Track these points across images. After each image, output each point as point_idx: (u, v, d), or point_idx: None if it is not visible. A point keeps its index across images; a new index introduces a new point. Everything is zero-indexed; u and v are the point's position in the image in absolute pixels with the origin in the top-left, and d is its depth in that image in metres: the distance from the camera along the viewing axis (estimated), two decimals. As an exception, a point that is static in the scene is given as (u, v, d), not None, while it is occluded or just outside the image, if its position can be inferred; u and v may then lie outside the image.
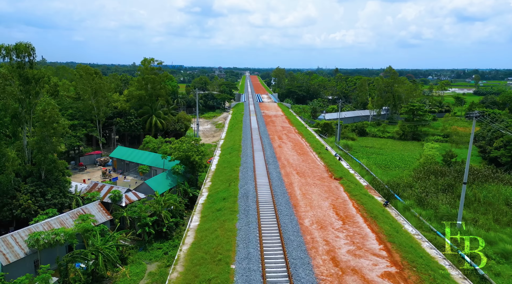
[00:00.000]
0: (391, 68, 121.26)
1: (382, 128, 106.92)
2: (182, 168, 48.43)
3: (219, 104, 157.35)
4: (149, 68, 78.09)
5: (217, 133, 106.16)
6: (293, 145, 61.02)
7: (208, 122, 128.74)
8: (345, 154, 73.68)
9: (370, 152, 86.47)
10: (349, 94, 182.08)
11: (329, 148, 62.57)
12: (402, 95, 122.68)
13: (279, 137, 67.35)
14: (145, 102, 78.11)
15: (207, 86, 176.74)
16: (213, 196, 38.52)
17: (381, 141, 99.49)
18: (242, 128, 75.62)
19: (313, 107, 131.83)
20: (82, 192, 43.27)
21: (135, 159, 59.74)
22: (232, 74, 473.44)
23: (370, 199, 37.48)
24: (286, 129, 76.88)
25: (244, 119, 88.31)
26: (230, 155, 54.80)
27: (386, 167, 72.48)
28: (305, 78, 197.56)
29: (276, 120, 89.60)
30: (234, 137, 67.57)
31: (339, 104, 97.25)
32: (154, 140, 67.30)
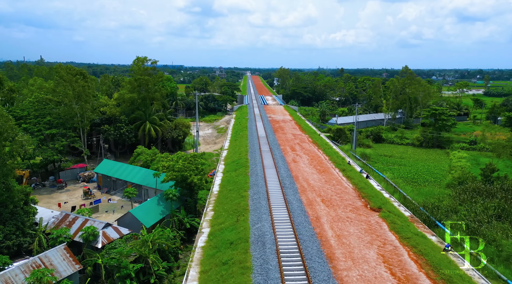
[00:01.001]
0: (407, 68, 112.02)
1: (400, 134, 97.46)
2: (177, 193, 39.07)
3: (220, 106, 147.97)
4: (142, 69, 68.79)
5: (219, 140, 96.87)
6: (310, 158, 51.67)
7: (209, 126, 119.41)
8: (364, 165, 64.36)
9: (390, 162, 77.12)
10: (358, 96, 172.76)
11: (352, 161, 53.21)
12: (419, 97, 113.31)
13: (292, 148, 58.01)
14: (137, 107, 68.84)
15: (208, 87, 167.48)
16: (217, 236, 29.21)
17: (400, 149, 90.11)
18: (248, 137, 66.30)
19: (322, 110, 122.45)
20: (49, 225, 34.00)
21: (122, 175, 50.42)
22: (233, 74, 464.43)
23: (425, 241, 28.19)
24: (298, 137, 67.50)
25: (249, 125, 78.96)
26: (235, 172, 45.47)
27: (414, 182, 63.13)
28: (310, 79, 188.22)
29: (285, 126, 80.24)
30: (240, 148, 58.25)
31: (356, 108, 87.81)
32: (147, 152, 58.05)
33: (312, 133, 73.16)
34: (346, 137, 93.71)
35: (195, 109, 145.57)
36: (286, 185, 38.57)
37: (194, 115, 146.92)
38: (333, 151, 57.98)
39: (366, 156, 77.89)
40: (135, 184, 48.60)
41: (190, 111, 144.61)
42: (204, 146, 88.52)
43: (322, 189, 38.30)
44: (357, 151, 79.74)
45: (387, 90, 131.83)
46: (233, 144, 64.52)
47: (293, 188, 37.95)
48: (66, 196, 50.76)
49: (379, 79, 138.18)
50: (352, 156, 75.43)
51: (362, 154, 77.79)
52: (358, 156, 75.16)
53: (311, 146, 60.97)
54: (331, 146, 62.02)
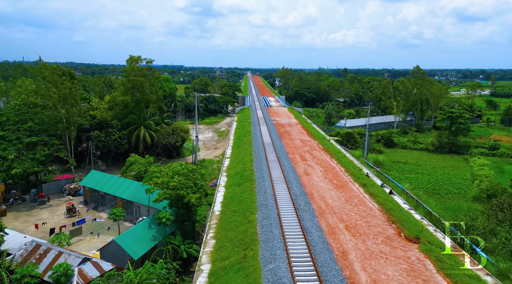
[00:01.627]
0: (419, 67, 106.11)
1: (413, 138, 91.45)
2: (171, 216, 33.05)
3: (221, 108, 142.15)
4: (136, 69, 62.83)
5: (220, 144, 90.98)
6: (323, 170, 45.69)
7: (209, 129, 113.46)
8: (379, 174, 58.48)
9: (406, 170, 71.19)
10: (363, 97, 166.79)
11: (370, 173, 47.24)
12: (430, 99, 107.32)
13: (302, 157, 52.03)
14: (131, 111, 62.88)
15: (208, 88, 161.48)
16: (220, 278, 23.28)
17: (413, 154, 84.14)
18: (252, 143, 60.36)
19: (328, 112, 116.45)
20: (16, 258, 28.08)
21: (111, 190, 44.45)
22: (233, 75, 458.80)
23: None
24: (307, 144, 61.54)
25: (253, 129, 73.01)
26: (240, 187, 39.52)
27: (436, 193, 57.22)
28: (313, 79, 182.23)
29: (291, 130, 74.27)
30: (244, 157, 52.29)
31: (363, 110, 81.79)
32: (141, 161, 52.11)
33: (321, 139, 67.17)
34: (356, 142, 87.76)
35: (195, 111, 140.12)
36: (300, 206, 32.62)
37: (194, 117, 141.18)
38: (347, 160, 51.99)
39: (380, 163, 71.97)
40: (125, 200, 42.67)
41: (190, 113, 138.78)
42: (204, 152, 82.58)
43: (343, 211, 32.33)
44: (369, 157, 73.81)
45: (395, 91, 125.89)
46: (236, 151, 58.55)
47: (309, 210, 32.00)
48: (48, 213, 44.81)
49: (388, 80, 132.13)
50: (365, 163, 69.60)
51: (375, 161, 71.86)
52: (371, 163, 69.28)
53: (323, 154, 54.99)
54: (345, 154, 56.02)
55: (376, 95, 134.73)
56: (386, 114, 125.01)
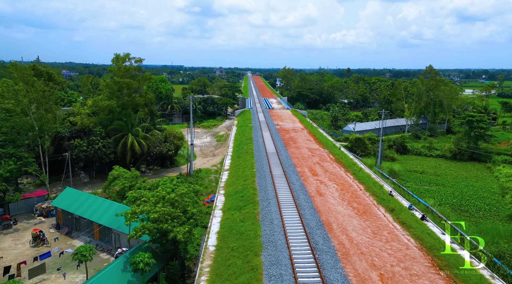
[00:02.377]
0: (432, 67, 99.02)
1: (428, 144, 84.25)
2: (150, 259, 25.62)
3: (220, 110, 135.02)
4: (123, 69, 55.67)
5: (219, 150, 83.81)
6: (339, 188, 38.54)
7: (208, 133, 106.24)
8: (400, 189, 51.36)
9: (424, 181, 64.00)
10: (369, 98, 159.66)
11: (393, 191, 40.09)
12: (443, 101, 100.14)
13: (312, 170, 44.87)
14: (117, 116, 55.71)
15: (207, 89, 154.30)
16: None
17: (430, 162, 76.95)
18: (253, 153, 53.23)
19: (334, 114, 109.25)
20: None
21: (87, 213, 37.27)
22: (233, 75, 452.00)
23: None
24: (316, 153, 54.38)
25: (254, 136, 65.87)
26: (240, 212, 32.34)
27: (464, 211, 50.04)
28: (316, 80, 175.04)
29: (297, 137, 67.12)
30: (244, 170, 45.13)
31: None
32: (126, 175, 44.98)
33: (331, 147, 59.96)
34: (366, 148, 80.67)
35: (193, 113, 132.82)
36: (318, 244, 25.47)
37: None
38: (365, 174, 44.82)
39: (395, 173, 64.87)
40: (103, 226, 35.52)
41: (187, 116, 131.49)
42: (201, 160, 75.39)
43: (373, 251, 25.18)
44: (383, 167, 66.68)
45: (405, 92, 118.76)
46: (236, 162, 51.38)
47: (330, 250, 24.85)
48: (11, 240, 37.66)
49: (399, 80, 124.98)
50: (378, 172, 62.54)
51: (391, 171, 64.76)
52: (385, 174, 62.18)
53: (335, 166, 47.80)
54: (361, 167, 48.79)
55: (384, 96, 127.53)
56: (394, 117, 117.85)
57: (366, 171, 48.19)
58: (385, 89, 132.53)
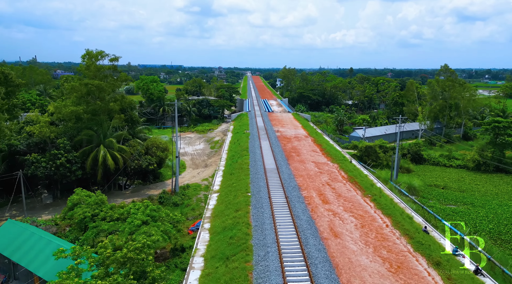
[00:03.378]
0: (447, 66, 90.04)
1: (447, 152, 75.18)
2: None
3: (216, 112, 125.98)
4: (94, 68, 46.67)
5: (212, 160, 74.79)
6: (360, 223, 29.45)
7: (201, 139, 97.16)
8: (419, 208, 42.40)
9: (449, 198, 54.98)
10: (374, 99, 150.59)
11: (428, 225, 31.09)
12: (459, 103, 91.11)
13: (322, 194, 35.82)
14: (87, 125, 46.68)
15: (202, 90, 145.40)
16: None
17: (451, 174, 67.89)
18: (249, 169, 44.23)
19: (339, 118, 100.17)
20: None
21: (26, 258, 28.23)
22: (233, 75, 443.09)
23: None
24: (325, 170, 45.31)
25: (251, 146, 56.86)
26: (227, 267, 23.21)
27: (504, 241, 41.00)
28: (318, 80, 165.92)
29: (300, 147, 58.09)
30: (237, 195, 36.08)
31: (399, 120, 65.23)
32: (89, 201, 35.97)
33: (341, 160, 50.86)
34: (377, 157, 71.69)
35: (188, 116, 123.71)
36: None
37: (185, 123, 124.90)
38: (387, 200, 35.80)
39: (415, 190, 55.86)
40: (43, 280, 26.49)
41: (181, 119, 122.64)
42: (191, 172, 66.33)
43: None
44: (399, 181, 57.63)
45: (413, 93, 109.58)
46: (228, 181, 42.34)
47: None
48: None
49: (411, 81, 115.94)
50: (394, 188, 53.63)
51: (409, 187, 55.72)
52: (403, 190, 53.23)
53: (349, 187, 38.75)
54: (381, 189, 39.73)
55: (392, 98, 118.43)
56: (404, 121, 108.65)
57: (386, 192, 39.19)
58: (394, 91, 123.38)
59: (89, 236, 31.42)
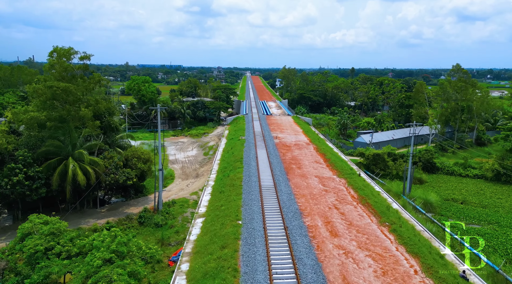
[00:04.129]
0: (459, 66, 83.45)
1: (462, 160, 68.56)
2: None
3: (212, 115, 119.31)
4: (60, 68, 40.04)
5: (205, 169, 68.13)
6: (381, 269, 22.80)
7: (195, 144, 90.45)
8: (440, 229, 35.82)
9: (470, 215, 48.34)
10: (377, 101, 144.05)
11: (466, 267, 24.49)
12: (472, 106, 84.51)
13: (329, 223, 29.15)
14: (53, 134, 40.03)
15: (198, 90, 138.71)
16: None
17: (468, 185, 61.24)
18: (242, 187, 37.63)
19: (342, 122, 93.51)
20: None
21: None
22: (232, 75, 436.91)
23: None
24: (331, 187, 38.64)
25: (245, 156, 50.20)
26: None
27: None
28: (319, 80, 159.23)
29: (301, 157, 51.43)
30: (224, 224, 29.46)
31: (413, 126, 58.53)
32: (44, 229, 29.37)
33: (349, 174, 44.19)
34: (386, 166, 65.12)
35: (182, 118, 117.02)
36: None
37: (179, 126, 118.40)
38: (409, 228, 29.18)
39: (431, 206, 49.24)
40: None
41: (175, 122, 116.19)
42: (180, 183, 59.67)
43: None
44: (413, 195, 50.98)
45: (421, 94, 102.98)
46: (216, 202, 35.69)
47: None
48: None
49: (421, 82, 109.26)
50: (408, 204, 47.17)
51: (426, 203, 49.10)
52: (419, 207, 46.74)
53: (362, 212, 32.10)
54: (396, 210, 33.06)
55: (398, 99, 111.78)
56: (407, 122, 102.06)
57: (404, 215, 32.57)
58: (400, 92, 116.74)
59: (34, 280, 24.79)
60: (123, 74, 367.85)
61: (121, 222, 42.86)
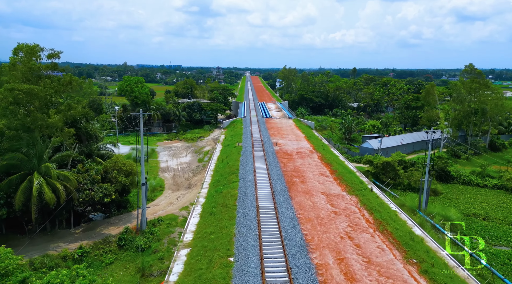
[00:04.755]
0: (472, 66, 77.82)
1: (480, 168, 62.81)
2: None
3: (209, 117, 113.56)
4: (23, 68, 34.34)
5: (198, 177, 62.43)
6: None
7: (189, 149, 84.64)
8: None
9: (496, 234, 42.66)
10: (381, 102, 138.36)
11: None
12: (486, 108, 78.81)
13: (342, 262, 23.39)
14: (14, 146, 34.30)
15: (194, 91, 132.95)
16: None
17: (488, 197, 55.50)
18: (236, 207, 31.92)
19: (347, 125, 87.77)
20: None
21: None
22: (231, 75, 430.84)
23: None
24: (341, 207, 32.84)
25: (242, 167, 44.47)
26: None
27: None
28: (321, 80, 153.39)
29: (305, 168, 45.63)
30: (213, 261, 23.73)
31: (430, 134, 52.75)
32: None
33: (360, 190, 38.45)
34: (397, 175, 59.43)
35: (177, 121, 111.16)
36: None
37: (174, 129, 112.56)
38: (441, 263, 23.45)
39: (455, 227, 43.43)
40: None
41: (170, 124, 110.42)
42: (169, 195, 53.89)
43: None
44: (431, 212, 45.22)
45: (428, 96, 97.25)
46: (205, 228, 29.93)
47: None
48: None
49: (431, 83, 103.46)
50: (426, 221, 41.57)
51: (445, 221, 43.32)
52: (440, 227, 41.07)
53: (381, 242, 26.34)
54: (422, 239, 27.31)
55: (405, 101, 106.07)
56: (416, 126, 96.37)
57: (430, 244, 26.83)
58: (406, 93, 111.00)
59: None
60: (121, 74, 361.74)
61: (97, 245, 37.11)
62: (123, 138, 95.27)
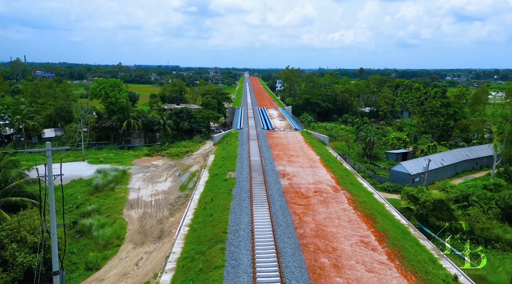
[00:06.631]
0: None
1: None
2: None
3: (200, 126, 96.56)
4: None
5: (175, 218, 45.41)
6: None
7: (172, 169, 67.45)
8: None
9: None
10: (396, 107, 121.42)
11: None
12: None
13: None
14: None
15: (184, 95, 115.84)
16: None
17: None
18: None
19: (368, 139, 70.70)
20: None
21: None
22: (229, 76, 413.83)
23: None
24: None
25: (232, 228, 27.32)
26: None
27: None
28: (327, 82, 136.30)
29: (333, 228, 28.52)
30: None
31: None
32: None
33: (425, 272, 21.43)
34: (451, 217, 42.62)
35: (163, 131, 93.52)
36: None
37: (158, 140, 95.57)
38: None
39: None
40: None
41: (153, 135, 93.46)
42: (128, 255, 36.66)
43: None
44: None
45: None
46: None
47: None
48: None
49: (483, 86, 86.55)
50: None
51: None
52: None
53: None
54: None
55: (431, 107, 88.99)
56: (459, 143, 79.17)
57: None
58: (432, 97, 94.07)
59: None
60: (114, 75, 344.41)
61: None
62: (93, 154, 78.22)
